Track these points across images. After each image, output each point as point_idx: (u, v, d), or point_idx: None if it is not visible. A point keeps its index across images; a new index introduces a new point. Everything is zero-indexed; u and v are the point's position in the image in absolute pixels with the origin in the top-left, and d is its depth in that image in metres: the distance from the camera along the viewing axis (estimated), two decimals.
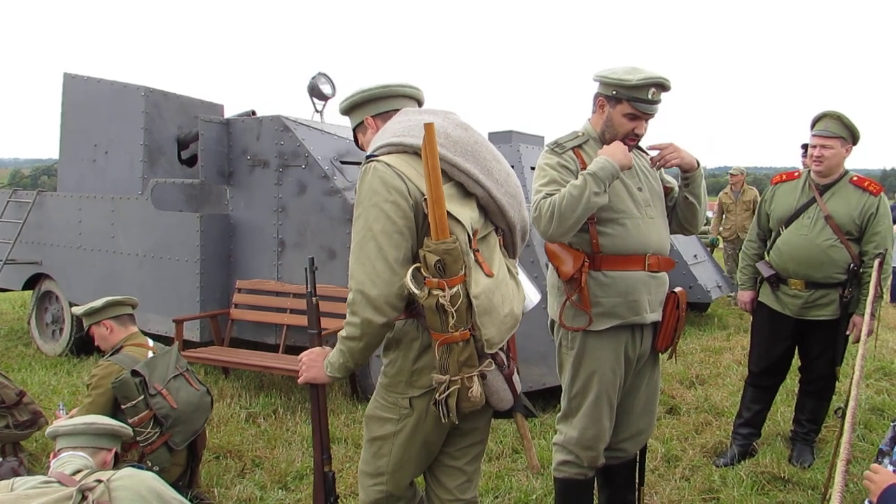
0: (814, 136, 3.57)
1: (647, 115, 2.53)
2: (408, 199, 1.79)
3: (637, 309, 2.55)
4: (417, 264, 1.76)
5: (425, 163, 1.73)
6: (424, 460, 2.04)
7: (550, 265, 2.63)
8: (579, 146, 2.60)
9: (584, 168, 2.53)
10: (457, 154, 1.86)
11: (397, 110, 2.02)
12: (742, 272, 3.96)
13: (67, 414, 3.30)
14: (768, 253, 3.79)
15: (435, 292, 1.72)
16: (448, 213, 1.76)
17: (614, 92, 2.52)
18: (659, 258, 2.59)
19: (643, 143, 2.77)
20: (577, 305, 2.54)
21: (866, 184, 3.57)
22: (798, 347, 3.83)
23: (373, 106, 2.05)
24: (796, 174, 3.78)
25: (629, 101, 2.50)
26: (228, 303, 5.53)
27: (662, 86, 2.50)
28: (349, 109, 2.11)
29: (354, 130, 2.14)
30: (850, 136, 3.53)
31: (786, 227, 3.66)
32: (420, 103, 2.11)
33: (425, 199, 1.77)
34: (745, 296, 3.93)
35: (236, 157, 5.53)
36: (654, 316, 2.61)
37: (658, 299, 2.62)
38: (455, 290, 1.72)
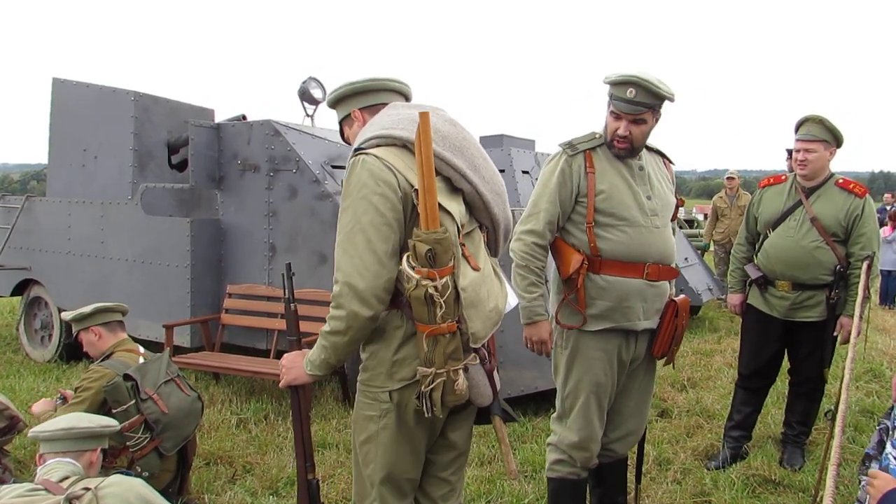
0: (797, 140, 3.61)
1: (627, 115, 2.52)
2: (397, 191, 1.77)
3: (630, 316, 2.57)
4: (408, 253, 1.74)
5: (418, 151, 1.72)
6: (412, 464, 1.97)
7: (554, 263, 2.68)
8: (593, 149, 2.62)
9: (592, 172, 2.55)
10: (445, 149, 1.85)
11: (385, 104, 1.99)
12: (731, 275, 3.99)
13: (63, 392, 3.29)
14: (756, 256, 3.82)
15: (424, 282, 1.69)
16: (438, 204, 1.75)
17: (607, 91, 2.60)
18: (659, 267, 2.60)
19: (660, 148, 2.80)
20: (573, 305, 2.57)
21: (851, 186, 3.61)
22: (787, 349, 3.85)
23: (360, 99, 2.02)
24: (783, 178, 3.81)
25: (611, 98, 2.56)
26: (219, 308, 5.50)
27: (640, 86, 2.48)
28: (336, 102, 2.07)
29: (341, 123, 2.11)
30: (834, 139, 3.57)
31: (773, 230, 3.69)
32: (407, 98, 2.08)
33: (415, 191, 1.76)
34: (734, 298, 3.95)
35: (227, 162, 5.51)
36: (648, 324, 2.62)
37: (654, 308, 2.63)
38: (444, 280, 1.71)
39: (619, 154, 2.60)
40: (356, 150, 1.85)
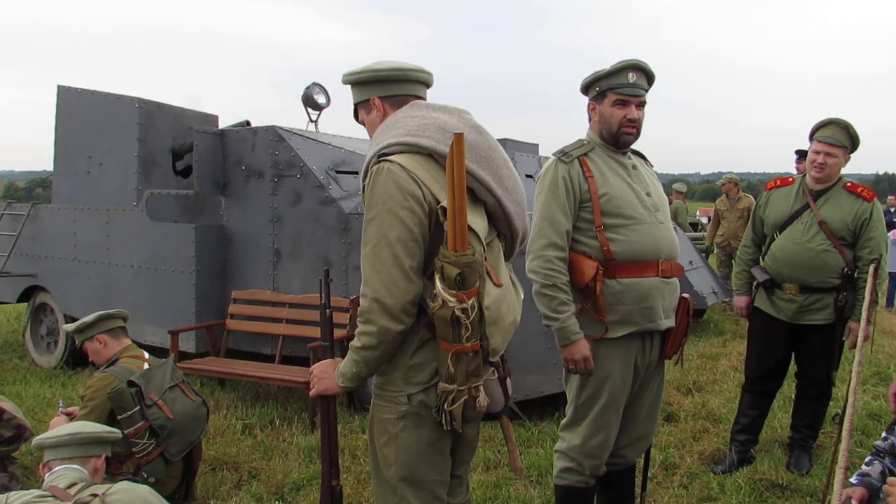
0: (819, 142, 3.56)
1: (634, 99, 2.55)
2: (423, 205, 1.76)
3: (652, 315, 2.54)
4: (438, 275, 1.71)
5: (449, 172, 1.69)
6: (439, 465, 1.93)
7: None
8: (585, 154, 2.62)
9: (591, 176, 2.55)
10: (472, 160, 1.82)
11: (407, 96, 1.95)
12: (737, 277, 3.98)
13: (66, 409, 3.30)
14: (763, 258, 3.81)
15: (451, 304, 1.68)
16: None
17: (598, 88, 2.59)
18: (671, 263, 2.60)
19: (643, 151, 2.79)
20: (591, 314, 2.53)
21: (859, 189, 3.59)
22: (794, 353, 3.84)
23: (383, 87, 1.95)
24: (790, 180, 3.80)
25: (612, 89, 2.55)
26: (224, 313, 5.51)
27: (640, 69, 2.53)
28: (355, 84, 2.00)
29: (356, 105, 2.03)
30: (853, 145, 3.57)
31: (780, 233, 3.67)
32: (428, 86, 2.04)
33: (441, 207, 1.74)
34: (740, 301, 3.94)
35: (231, 168, 5.53)
36: (669, 322, 2.61)
37: (671, 305, 2.62)
38: (471, 301, 1.70)
39: (628, 141, 2.61)
40: (380, 156, 1.81)
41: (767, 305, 3.75)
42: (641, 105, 2.58)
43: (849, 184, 3.62)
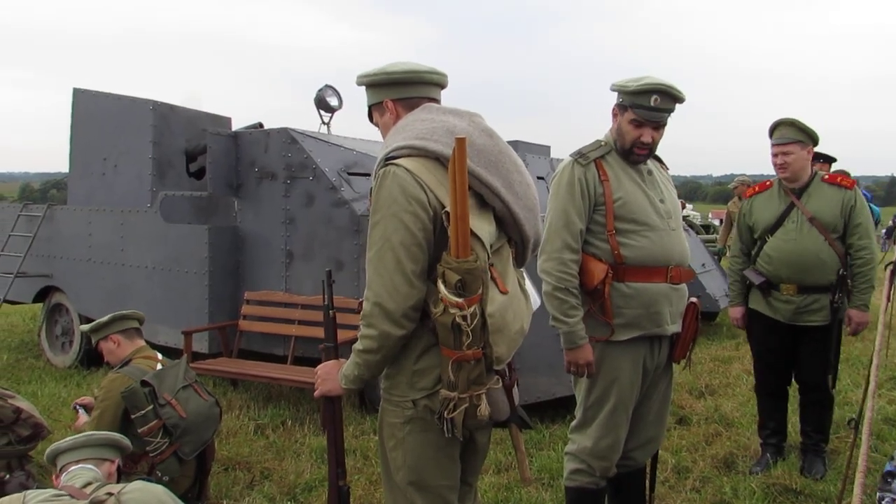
0: (773, 145, 3.65)
1: (651, 123, 2.53)
2: (427, 210, 1.75)
3: (659, 321, 2.56)
4: (440, 280, 1.70)
5: (452, 177, 1.67)
6: (448, 469, 1.92)
7: None
8: (602, 157, 2.61)
9: (607, 180, 2.54)
10: (479, 164, 1.80)
11: (420, 98, 1.94)
12: (731, 287, 3.97)
13: (81, 400, 3.36)
14: (754, 263, 3.78)
15: (452, 310, 1.67)
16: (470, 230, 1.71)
17: (622, 99, 2.57)
18: (681, 270, 2.60)
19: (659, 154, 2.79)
20: (598, 316, 2.54)
21: (839, 179, 3.67)
22: (794, 355, 3.83)
23: (396, 89, 1.94)
24: (768, 183, 3.83)
25: (632, 107, 2.53)
26: (237, 314, 5.54)
27: (667, 93, 2.50)
28: (368, 86, 1.99)
29: (370, 107, 2.02)
30: (808, 138, 3.61)
31: (771, 235, 3.67)
32: (442, 87, 2.03)
33: (445, 212, 1.73)
34: (736, 312, 3.92)
35: (244, 170, 5.56)
36: (675, 328, 2.62)
37: (679, 311, 2.63)
38: (472, 309, 1.68)
39: (638, 160, 2.61)
40: (387, 159, 1.81)
41: (764, 307, 3.73)
42: (660, 126, 2.57)
43: (826, 176, 3.68)
